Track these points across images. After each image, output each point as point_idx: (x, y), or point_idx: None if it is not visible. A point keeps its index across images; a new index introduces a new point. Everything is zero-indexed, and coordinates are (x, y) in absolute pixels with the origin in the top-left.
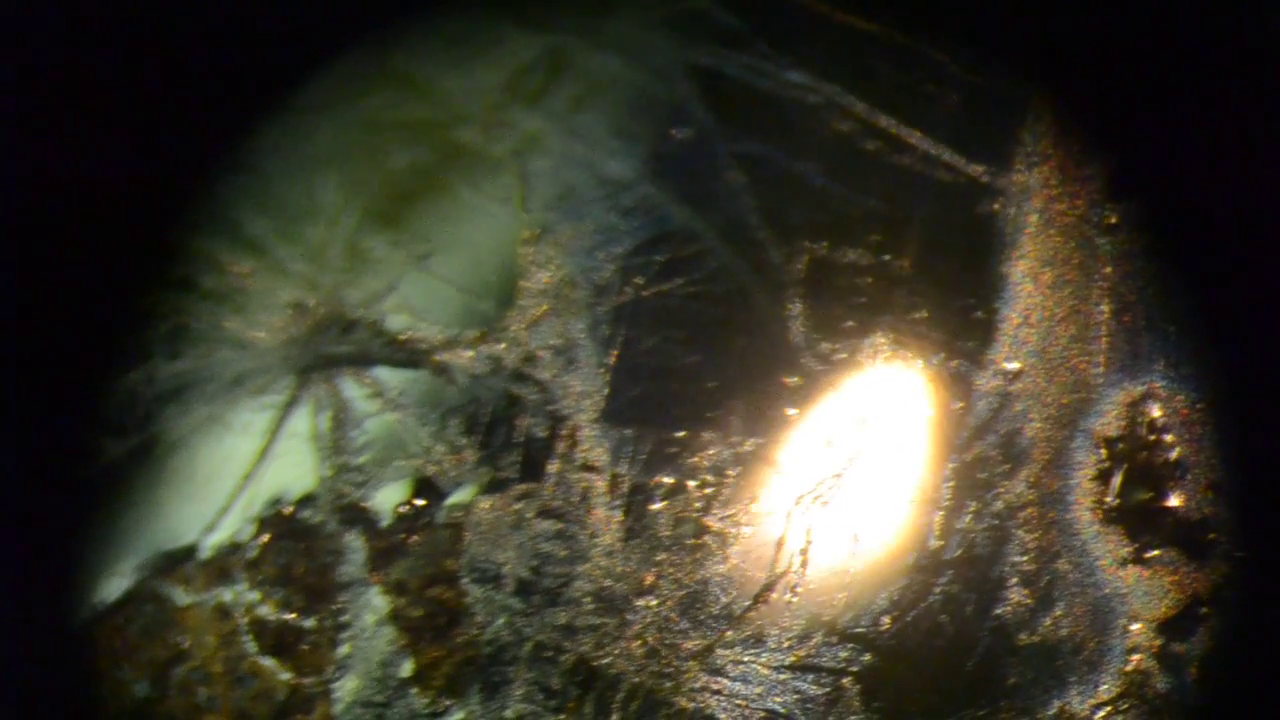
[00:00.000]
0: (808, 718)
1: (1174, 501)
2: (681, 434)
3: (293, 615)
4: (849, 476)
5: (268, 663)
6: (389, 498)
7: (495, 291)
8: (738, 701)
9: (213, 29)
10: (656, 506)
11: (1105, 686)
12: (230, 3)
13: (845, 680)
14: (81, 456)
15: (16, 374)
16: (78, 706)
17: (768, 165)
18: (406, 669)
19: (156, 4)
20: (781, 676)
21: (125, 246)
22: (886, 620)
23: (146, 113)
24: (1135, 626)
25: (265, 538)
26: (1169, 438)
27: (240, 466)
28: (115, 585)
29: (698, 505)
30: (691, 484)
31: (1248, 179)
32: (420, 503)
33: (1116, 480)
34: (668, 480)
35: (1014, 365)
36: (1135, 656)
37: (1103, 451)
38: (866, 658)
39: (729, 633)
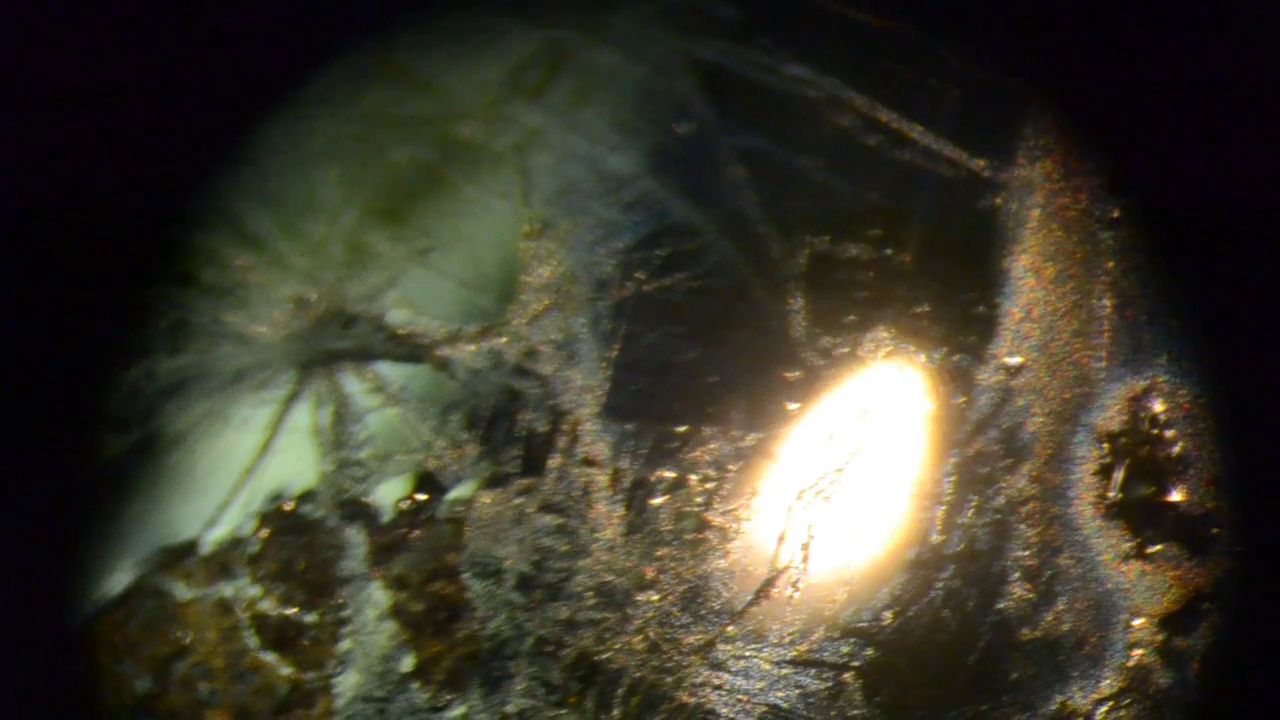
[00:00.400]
0: (810, 713)
1: (1176, 496)
2: (683, 429)
3: (294, 610)
4: (850, 471)
5: (269, 658)
6: (390, 493)
7: (496, 286)
8: (739, 697)
9: (214, 24)
10: (657, 501)
11: (1107, 682)
12: None
13: (847, 675)
14: (82, 452)
15: (17, 369)
16: (79, 703)
17: (769, 159)
18: (408, 664)
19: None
20: (783, 671)
21: (126, 241)
22: (888, 615)
23: (147, 108)
24: (1137, 622)
25: (266, 533)
26: (1171, 432)
27: (241, 461)
28: (116, 581)
29: (699, 500)
30: (693, 479)
31: (1250, 174)
32: (421, 498)
33: (1118, 475)
34: (669, 475)
35: (1016, 360)
36: (1137, 652)
37: (1104, 446)
38: (868, 653)
39: (730, 628)
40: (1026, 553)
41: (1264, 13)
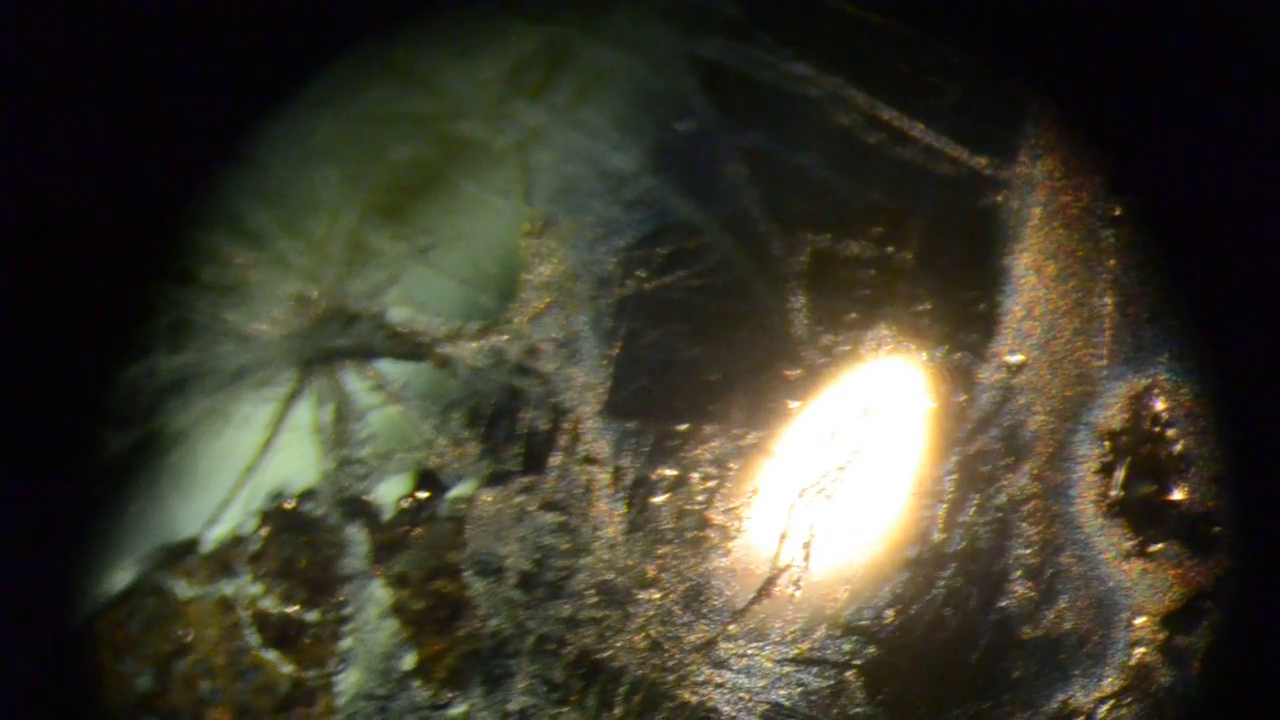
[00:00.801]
0: (812, 711)
1: (1177, 495)
2: (684, 427)
3: (295, 608)
4: (851, 469)
5: (270, 656)
6: (391, 491)
7: (497, 284)
8: (741, 695)
9: (215, 22)
10: (659, 499)
11: (1108, 680)
12: None
13: (849, 673)
14: (84, 450)
15: (18, 368)
16: (80, 702)
17: (770, 158)
18: (409, 662)
19: None
20: (785, 669)
21: (127, 239)
22: (890, 613)
23: (149, 106)
24: (1139, 620)
25: (267, 531)
26: (1172, 431)
27: (242, 459)
28: (117, 579)
29: (700, 498)
30: (694, 477)
31: (1251, 172)
32: (422, 496)
33: (1120, 473)
34: (670, 473)
35: (1017, 358)
36: (1139, 650)
37: (1106, 445)
38: (870, 651)
39: (732, 626)
40: (1028, 551)
41: (1264, 13)
